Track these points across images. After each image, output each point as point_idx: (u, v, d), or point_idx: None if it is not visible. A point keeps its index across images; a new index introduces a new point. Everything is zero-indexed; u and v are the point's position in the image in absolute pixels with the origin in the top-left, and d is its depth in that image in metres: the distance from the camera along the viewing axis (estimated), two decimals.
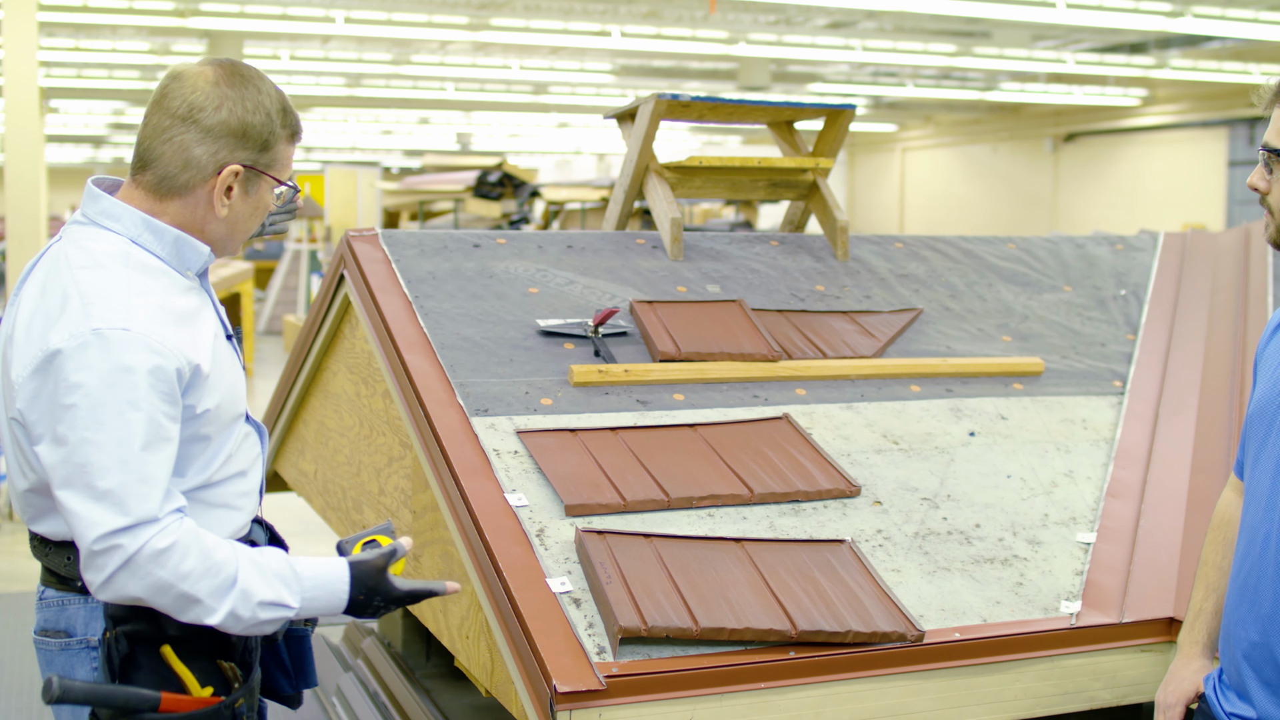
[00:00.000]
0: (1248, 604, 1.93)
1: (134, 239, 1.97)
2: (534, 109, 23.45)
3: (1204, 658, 2.15)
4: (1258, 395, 2.03)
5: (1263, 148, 1.93)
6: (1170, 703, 2.14)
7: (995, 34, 16.49)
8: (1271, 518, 1.90)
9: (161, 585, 1.82)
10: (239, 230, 2.07)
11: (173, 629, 1.95)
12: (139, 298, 1.89)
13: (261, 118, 1.98)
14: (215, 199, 1.98)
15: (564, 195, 13.97)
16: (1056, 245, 4.17)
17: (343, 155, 32.38)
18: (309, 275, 16.90)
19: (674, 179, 3.76)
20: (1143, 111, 22.58)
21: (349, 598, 1.97)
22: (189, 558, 1.83)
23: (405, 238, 3.42)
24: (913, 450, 3.01)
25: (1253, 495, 1.97)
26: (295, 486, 4.20)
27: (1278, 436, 1.93)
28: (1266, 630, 1.89)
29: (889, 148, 30.08)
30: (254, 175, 2.01)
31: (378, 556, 2.02)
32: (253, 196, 2.03)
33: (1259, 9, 14.17)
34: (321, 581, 1.95)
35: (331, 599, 1.96)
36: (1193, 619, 2.18)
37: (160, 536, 1.81)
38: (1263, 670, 1.91)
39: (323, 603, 1.96)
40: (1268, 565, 1.89)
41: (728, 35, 16.04)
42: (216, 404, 1.98)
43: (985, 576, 2.60)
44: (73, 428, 1.81)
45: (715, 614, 2.27)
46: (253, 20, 14.09)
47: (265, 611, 1.89)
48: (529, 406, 2.88)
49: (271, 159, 2.02)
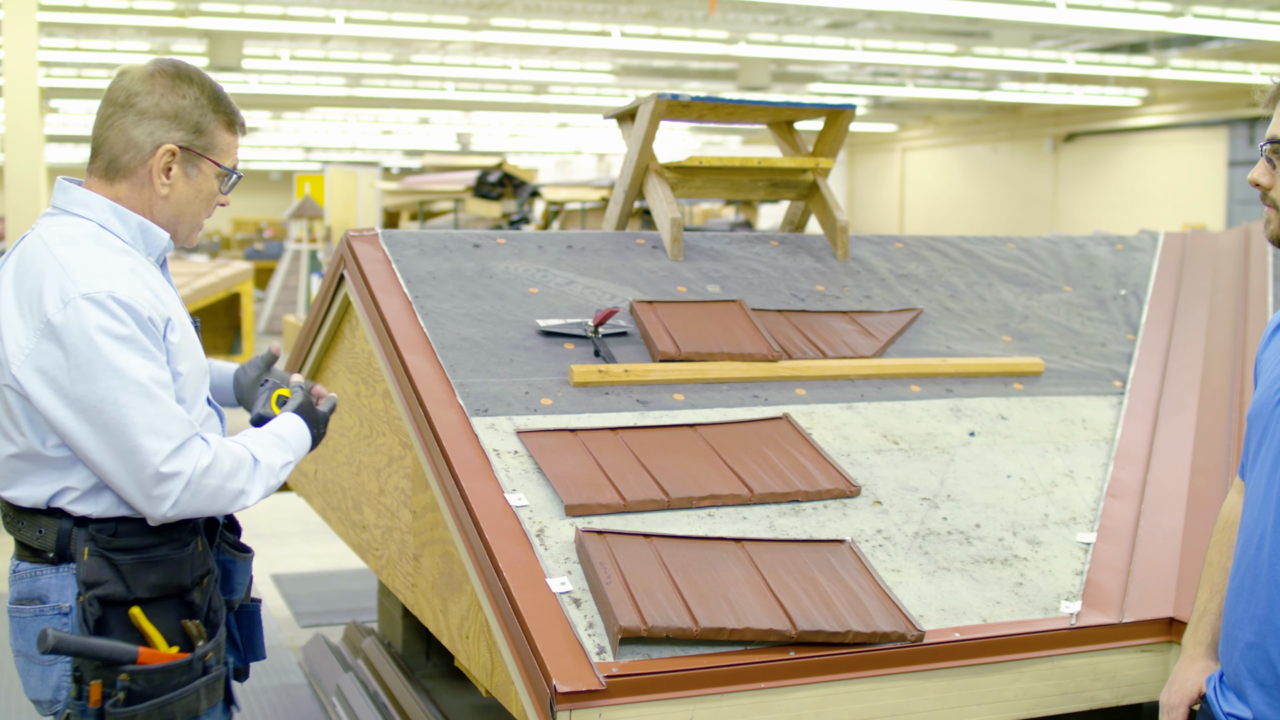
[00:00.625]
0: (1244, 605, 1.93)
1: (102, 224, 2.15)
2: (534, 109, 23.44)
3: (1208, 658, 2.14)
4: (1255, 398, 2.03)
5: (1267, 141, 1.93)
6: (1174, 704, 2.13)
7: (995, 34, 16.48)
8: (1266, 518, 1.90)
9: (216, 491, 2.07)
10: (185, 213, 2.21)
11: (140, 590, 2.12)
12: (115, 266, 2.07)
13: (191, 103, 2.16)
14: (155, 178, 2.15)
15: (564, 195, 13.96)
16: (1056, 245, 4.17)
17: (343, 155, 32.36)
18: (309, 275, 16.89)
19: (674, 179, 3.76)
20: (1143, 111, 22.57)
21: (311, 435, 2.32)
22: (225, 461, 2.09)
23: (405, 238, 3.42)
24: (913, 450, 3.01)
25: (1250, 496, 1.97)
26: (295, 486, 4.19)
27: (1272, 438, 1.94)
28: (1261, 631, 1.89)
29: (889, 148, 30.07)
30: (192, 157, 2.17)
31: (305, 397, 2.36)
32: (194, 180, 2.19)
33: (1259, 9, 14.16)
34: (290, 434, 2.28)
35: (304, 441, 2.31)
36: (1197, 620, 2.18)
37: (204, 453, 2.06)
38: (1258, 671, 1.91)
39: (301, 447, 2.30)
40: (1262, 566, 1.89)
41: (728, 35, 16.03)
42: (189, 370, 2.15)
43: (985, 576, 2.60)
44: (92, 389, 1.98)
45: (715, 614, 2.27)
46: (253, 20, 14.08)
47: (284, 472, 2.23)
48: (529, 406, 2.88)
49: (208, 143, 2.19)
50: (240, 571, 2.37)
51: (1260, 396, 2.00)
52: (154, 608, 2.14)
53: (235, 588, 2.36)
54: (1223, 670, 2.03)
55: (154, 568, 2.12)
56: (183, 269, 13.16)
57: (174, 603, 2.17)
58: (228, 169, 2.23)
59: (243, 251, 24.33)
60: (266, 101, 22.48)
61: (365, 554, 3.50)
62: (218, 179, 2.23)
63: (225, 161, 2.22)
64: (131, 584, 2.11)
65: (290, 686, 4.50)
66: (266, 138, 29.02)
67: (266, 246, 23.15)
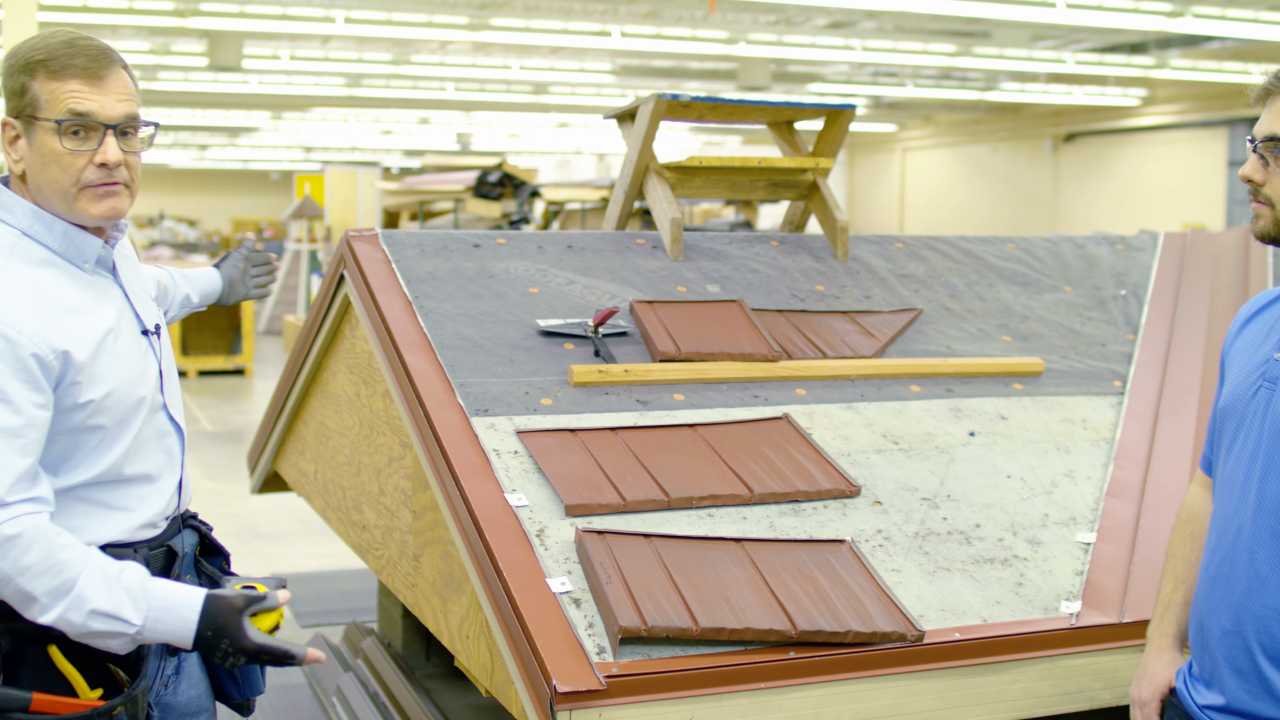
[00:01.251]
0: (1220, 593, 1.95)
1: (25, 231, 1.98)
2: (534, 109, 23.45)
3: (1174, 650, 2.16)
4: (1228, 389, 2.04)
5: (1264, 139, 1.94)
6: (1145, 698, 2.14)
7: (995, 34, 16.49)
8: (1245, 508, 1.92)
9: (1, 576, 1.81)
10: (43, 184, 1.98)
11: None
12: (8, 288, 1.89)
13: (9, 66, 1.97)
14: (8, 158, 1.98)
15: (564, 195, 13.97)
16: (1056, 245, 4.17)
17: (343, 155, 32.37)
18: (309, 275, 16.89)
19: (674, 179, 3.76)
20: (1143, 111, 22.58)
21: (196, 631, 1.90)
22: (31, 551, 1.81)
23: (405, 238, 3.42)
24: (913, 450, 3.01)
25: (1225, 487, 1.98)
26: (295, 486, 4.19)
27: (1249, 429, 1.95)
28: (1239, 618, 1.91)
29: (889, 148, 30.08)
30: (25, 123, 1.97)
31: (237, 596, 1.93)
32: (34, 144, 1.97)
33: (1259, 9, 14.16)
34: (170, 605, 1.89)
35: (178, 625, 1.89)
36: (1161, 612, 2.19)
37: (8, 524, 1.80)
38: (1235, 658, 1.92)
39: (166, 627, 1.89)
40: (1240, 554, 1.91)
41: (728, 35, 16.04)
42: (103, 395, 1.95)
43: (985, 576, 2.60)
44: None
45: (715, 614, 2.27)
46: (253, 20, 14.09)
47: (97, 621, 1.85)
48: (529, 406, 2.88)
49: (31, 100, 1.96)
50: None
51: (1233, 390, 2.01)
52: (76, 647, 1.94)
53: None
54: (1193, 660, 2.04)
55: None
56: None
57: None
58: (56, 119, 1.94)
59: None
60: (266, 101, 22.49)
61: (365, 554, 3.50)
62: (56, 134, 1.95)
63: (51, 112, 1.95)
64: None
65: (290, 686, 4.50)
66: (266, 138, 29.04)
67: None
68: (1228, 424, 2.02)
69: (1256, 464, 1.92)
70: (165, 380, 2.13)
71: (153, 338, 2.12)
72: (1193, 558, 2.16)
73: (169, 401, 2.14)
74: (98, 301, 2.03)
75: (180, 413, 2.18)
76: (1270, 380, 1.93)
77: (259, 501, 7.27)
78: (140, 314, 2.12)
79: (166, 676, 2.18)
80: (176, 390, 2.20)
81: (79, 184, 1.98)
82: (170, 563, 2.11)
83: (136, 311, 2.11)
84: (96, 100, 1.97)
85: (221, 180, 37.30)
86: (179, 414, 2.17)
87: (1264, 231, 1.98)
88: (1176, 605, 2.16)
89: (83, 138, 1.97)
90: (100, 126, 1.97)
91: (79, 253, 2.02)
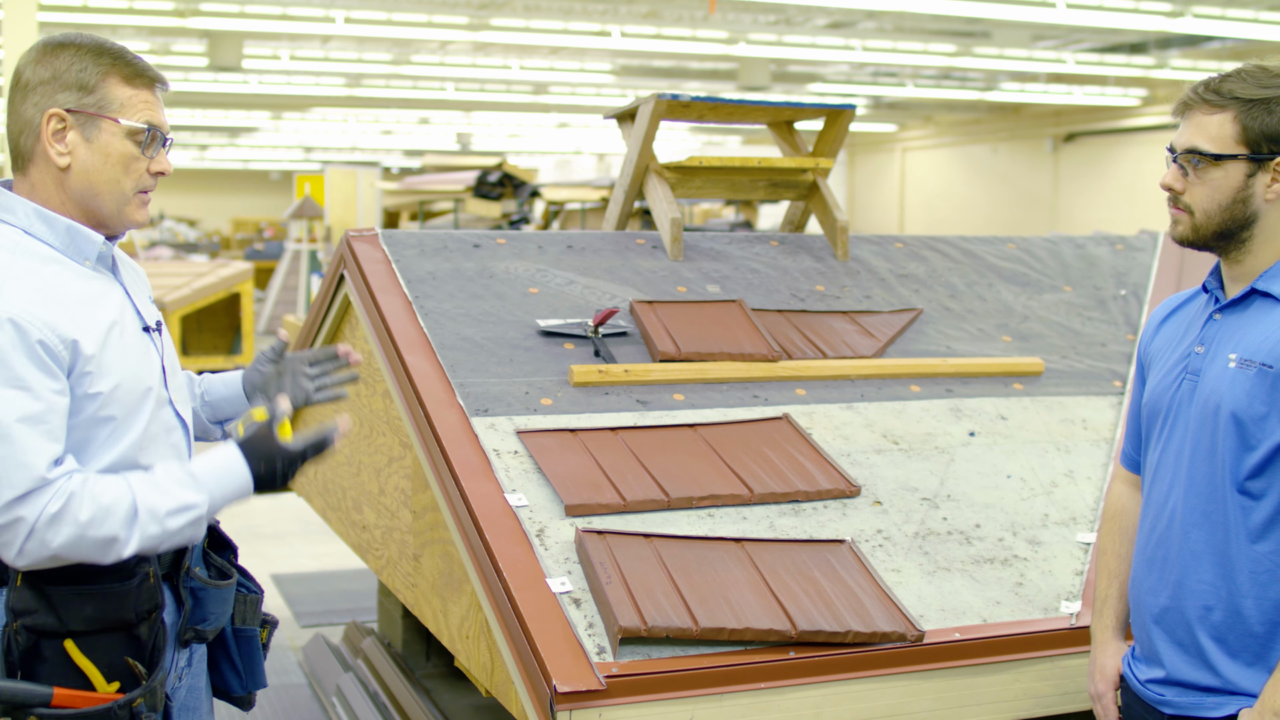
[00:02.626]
0: (1157, 573, 2.09)
1: (26, 230, 2.01)
2: (534, 109, 23.44)
3: (1117, 640, 2.26)
4: (1151, 385, 2.18)
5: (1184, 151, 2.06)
6: (1100, 691, 2.25)
7: (995, 34, 16.48)
8: (1175, 492, 2.06)
9: (72, 540, 1.88)
10: (97, 183, 2.01)
11: (75, 623, 1.96)
12: (14, 281, 1.93)
13: (70, 61, 1.99)
14: (50, 150, 1.98)
15: (564, 195, 13.95)
16: (1056, 245, 4.17)
17: (343, 155, 32.35)
18: (309, 275, 16.88)
19: (674, 179, 3.76)
20: (1143, 111, 22.57)
21: (251, 472, 2.04)
22: (84, 508, 1.88)
23: (405, 238, 3.42)
24: (913, 450, 3.01)
25: (1156, 475, 2.12)
26: (295, 486, 4.19)
27: (1176, 419, 2.09)
28: (1177, 594, 2.04)
29: (889, 148, 30.07)
30: (85, 119, 1.99)
31: (261, 427, 2.07)
32: (97, 143, 2.00)
33: (1259, 9, 14.16)
34: (220, 470, 2.02)
35: (236, 481, 2.03)
36: (1100, 607, 2.29)
37: (53, 501, 1.87)
38: (1175, 631, 2.05)
39: (231, 487, 2.03)
40: (1174, 535, 2.05)
41: (728, 35, 16.03)
42: (112, 387, 1.98)
43: (985, 576, 2.60)
44: None
45: (715, 614, 2.27)
46: (253, 20, 14.09)
47: (175, 519, 1.96)
48: (529, 406, 2.88)
49: (100, 100, 1.99)
50: (215, 600, 2.18)
51: (1159, 384, 2.16)
52: (93, 641, 1.98)
53: (208, 617, 2.17)
54: (1135, 642, 2.17)
55: (90, 600, 1.97)
56: (183, 269, 13.17)
57: (119, 636, 2.00)
58: (142, 125, 2.01)
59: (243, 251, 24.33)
60: (266, 101, 22.49)
61: (365, 554, 3.50)
62: (130, 138, 2.01)
63: (131, 117, 2.00)
64: (64, 616, 1.95)
65: (290, 686, 4.50)
66: (266, 138, 29.03)
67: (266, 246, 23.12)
68: (1154, 417, 2.16)
69: (1184, 451, 2.06)
70: (169, 376, 2.15)
71: (154, 334, 2.14)
72: (1123, 552, 2.28)
73: (174, 397, 2.15)
74: (102, 296, 2.06)
75: (187, 409, 2.20)
76: (1193, 373, 2.08)
77: (259, 501, 7.26)
78: (140, 311, 2.14)
79: (181, 669, 2.19)
80: (182, 387, 2.22)
81: (137, 189, 2.06)
82: (180, 556, 2.13)
83: (137, 308, 2.13)
84: (161, 114, 2.07)
85: (221, 180, 37.29)
86: (185, 410, 2.19)
87: (1183, 236, 2.10)
88: (1113, 599, 2.27)
89: (148, 147, 2.05)
90: (161, 138, 2.06)
91: (80, 250, 2.04)
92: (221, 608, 2.20)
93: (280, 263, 18.69)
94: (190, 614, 2.14)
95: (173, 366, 2.19)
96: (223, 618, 2.22)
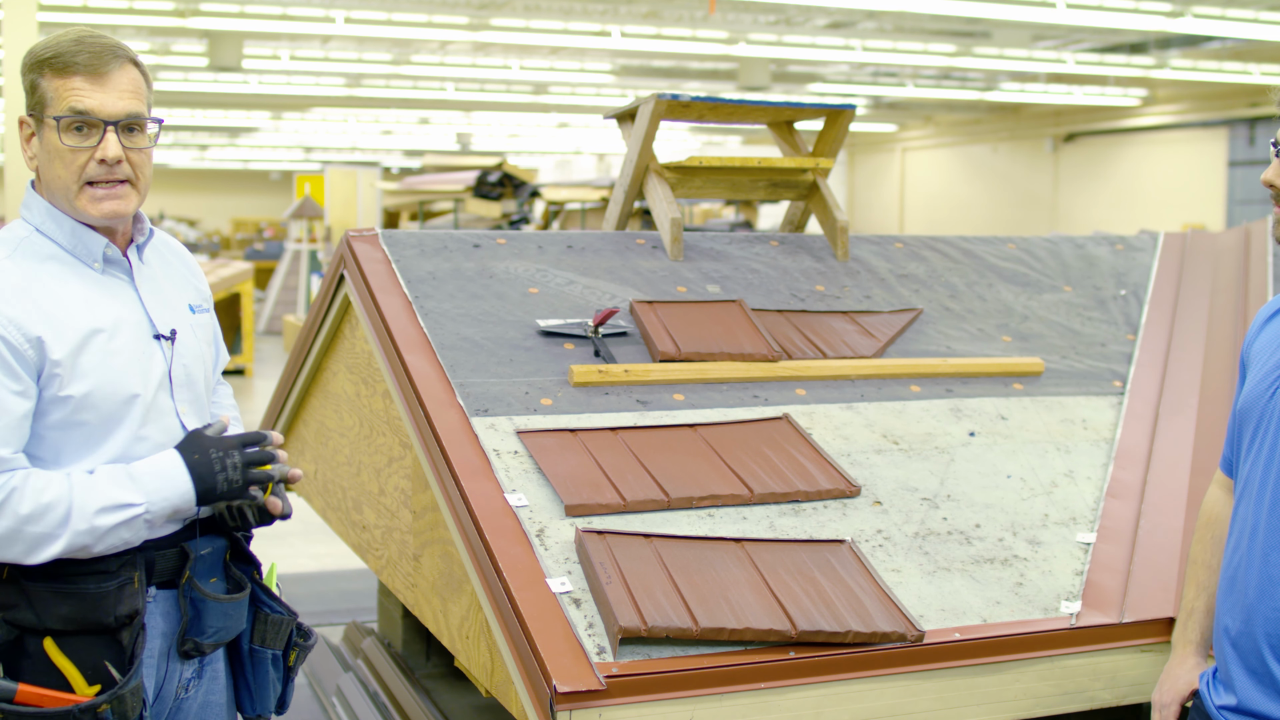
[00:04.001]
0: (1236, 594, 1.95)
1: (38, 227, 2.06)
2: (534, 109, 23.45)
3: (1198, 656, 2.16)
4: (1248, 388, 2.03)
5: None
6: (1165, 701, 2.16)
7: (995, 34, 16.49)
8: (1261, 509, 1.92)
9: (9, 533, 1.90)
10: (50, 180, 2.04)
11: (51, 621, 1.97)
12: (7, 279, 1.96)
13: (26, 65, 2.03)
14: (24, 154, 2.07)
15: (564, 195, 13.96)
16: (1056, 245, 4.17)
17: (343, 155, 32.36)
18: (309, 275, 16.90)
19: (674, 179, 3.76)
20: (1143, 111, 22.58)
21: (190, 472, 2.02)
22: (25, 502, 1.89)
23: (405, 238, 3.42)
24: (913, 450, 3.01)
25: (1246, 487, 1.98)
26: (295, 487, 4.19)
27: (1266, 430, 1.95)
28: (1250, 618, 1.91)
29: (889, 148, 30.08)
30: (37, 121, 2.04)
31: (195, 429, 2.09)
32: (44, 141, 2.03)
33: (1259, 9, 14.17)
34: (156, 470, 2.00)
35: (175, 483, 2.01)
36: (1185, 618, 2.20)
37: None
38: (1247, 658, 1.92)
39: (169, 489, 2.01)
40: (1255, 555, 1.92)
41: (728, 35, 16.04)
42: (84, 393, 1.98)
43: (985, 576, 2.60)
44: None
45: (715, 614, 2.27)
46: (253, 20, 14.10)
47: (106, 517, 1.95)
48: (529, 406, 2.88)
49: (40, 98, 2.02)
50: (215, 614, 2.14)
51: (1254, 388, 2.01)
52: (73, 642, 1.99)
53: (207, 630, 2.13)
54: (1216, 663, 2.04)
55: (65, 600, 1.97)
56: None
57: (102, 640, 2.00)
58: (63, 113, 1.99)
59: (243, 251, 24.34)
60: (266, 101, 22.50)
61: (365, 554, 3.50)
62: (62, 131, 1.99)
63: (57, 108, 1.99)
64: (40, 613, 1.97)
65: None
66: (266, 138, 29.04)
67: (266, 246, 23.14)
68: (1246, 424, 2.01)
69: (1273, 465, 1.91)
70: (177, 386, 2.12)
71: (164, 342, 2.11)
72: (1213, 563, 2.15)
73: (181, 409, 2.13)
74: (103, 299, 2.05)
75: (198, 420, 2.16)
76: None
77: None
78: (154, 318, 2.11)
79: (186, 680, 2.17)
80: (199, 399, 2.18)
81: (80, 181, 2.02)
82: (182, 564, 2.11)
83: (150, 315, 2.11)
84: (97, 97, 2.00)
85: (221, 180, 37.30)
86: (196, 420, 2.15)
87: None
88: (1199, 611, 2.16)
89: (85, 134, 2.00)
90: (100, 123, 2.00)
91: (87, 251, 2.06)
92: (224, 622, 2.16)
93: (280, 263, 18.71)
94: (189, 625, 2.11)
95: (188, 378, 2.15)
96: (227, 633, 2.18)
